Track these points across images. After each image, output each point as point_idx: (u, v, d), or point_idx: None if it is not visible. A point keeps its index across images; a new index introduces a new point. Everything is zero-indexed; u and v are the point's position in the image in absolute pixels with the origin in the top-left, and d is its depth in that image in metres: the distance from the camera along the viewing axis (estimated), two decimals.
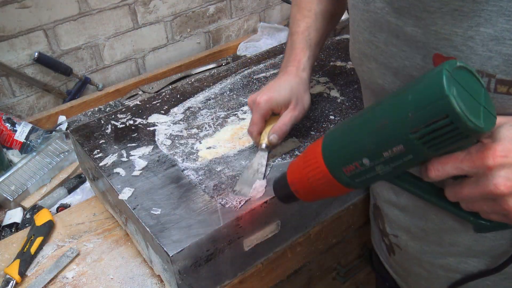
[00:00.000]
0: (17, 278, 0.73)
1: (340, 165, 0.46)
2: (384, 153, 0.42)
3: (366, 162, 0.43)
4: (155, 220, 0.64)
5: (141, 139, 0.81)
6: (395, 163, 0.42)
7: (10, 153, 1.06)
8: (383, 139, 0.41)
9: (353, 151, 0.44)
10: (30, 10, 1.09)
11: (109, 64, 1.28)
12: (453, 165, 0.42)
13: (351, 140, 0.45)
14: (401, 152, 0.41)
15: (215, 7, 1.41)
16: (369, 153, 0.43)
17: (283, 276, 0.82)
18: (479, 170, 0.41)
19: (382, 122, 0.41)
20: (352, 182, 0.46)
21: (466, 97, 0.38)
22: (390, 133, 0.41)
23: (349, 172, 0.45)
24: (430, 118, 0.38)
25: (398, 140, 0.40)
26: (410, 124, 0.39)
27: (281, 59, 1.03)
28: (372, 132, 0.42)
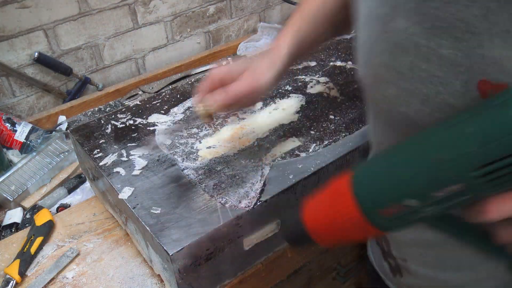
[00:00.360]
0: (17, 278, 0.73)
1: (379, 207, 0.40)
2: (437, 193, 0.37)
3: (412, 203, 0.38)
4: (155, 219, 0.64)
5: (141, 139, 0.81)
6: (448, 203, 0.37)
7: (10, 153, 1.06)
8: (438, 178, 0.36)
9: (397, 192, 0.39)
10: (30, 10, 1.09)
11: (109, 64, 1.28)
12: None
13: (394, 178, 0.39)
14: (457, 191, 0.36)
15: (215, 7, 1.41)
16: (417, 194, 0.37)
17: (283, 276, 0.82)
18: None
19: (436, 159, 0.36)
20: (390, 225, 0.40)
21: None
22: (447, 171, 0.36)
23: (389, 215, 0.40)
24: (500, 153, 0.33)
25: (457, 179, 0.35)
26: (473, 160, 0.34)
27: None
28: (423, 171, 0.37)
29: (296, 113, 0.85)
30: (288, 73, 0.98)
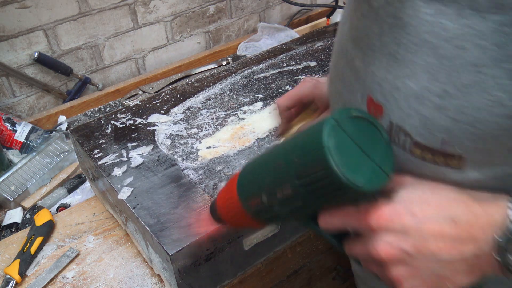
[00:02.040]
0: (17, 278, 0.73)
1: (247, 198, 0.45)
2: (278, 193, 0.40)
3: (264, 199, 0.42)
4: (155, 219, 0.64)
5: (141, 139, 0.81)
6: (288, 206, 0.41)
7: (10, 153, 1.06)
8: (276, 179, 0.41)
9: (255, 186, 0.44)
10: (30, 10, 1.09)
11: (109, 64, 1.28)
12: (340, 219, 0.40)
13: (256, 174, 0.44)
14: (290, 195, 0.39)
15: (215, 7, 1.41)
16: (265, 191, 0.42)
17: (283, 276, 0.82)
18: (363, 230, 0.39)
19: (278, 162, 0.41)
20: (259, 217, 0.45)
21: (350, 151, 0.36)
22: (282, 174, 0.40)
23: (254, 206, 0.44)
24: (311, 167, 0.36)
25: (287, 183, 0.39)
26: (295, 169, 0.38)
27: (281, 59, 1.03)
28: (270, 170, 0.42)
29: None
30: (288, 73, 0.98)
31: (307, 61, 1.01)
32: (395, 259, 0.38)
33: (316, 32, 1.15)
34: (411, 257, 0.37)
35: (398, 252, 0.37)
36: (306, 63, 1.01)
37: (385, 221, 0.38)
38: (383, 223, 0.38)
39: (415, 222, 0.37)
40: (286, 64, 1.01)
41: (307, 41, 1.10)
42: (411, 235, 0.37)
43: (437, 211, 0.37)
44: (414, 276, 0.38)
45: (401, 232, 0.37)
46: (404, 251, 0.37)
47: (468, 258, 0.37)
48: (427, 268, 0.38)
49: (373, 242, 0.38)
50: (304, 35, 1.14)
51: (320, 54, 1.04)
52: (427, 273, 0.38)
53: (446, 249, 0.37)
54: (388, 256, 0.38)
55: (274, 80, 0.95)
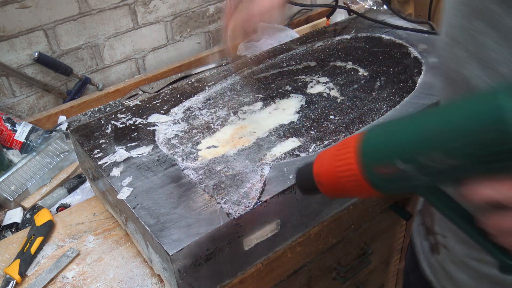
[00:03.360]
0: (17, 278, 0.73)
1: (373, 163, 0.41)
2: (420, 157, 0.37)
3: (400, 165, 0.38)
4: (155, 219, 0.64)
5: (141, 139, 0.81)
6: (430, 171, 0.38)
7: (10, 153, 1.06)
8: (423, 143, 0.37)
9: (385, 148, 0.40)
10: (30, 10, 1.09)
11: (109, 64, 1.28)
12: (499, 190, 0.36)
13: (390, 139, 0.40)
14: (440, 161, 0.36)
15: (215, 7, 1.41)
16: (403, 155, 0.38)
17: (283, 276, 0.82)
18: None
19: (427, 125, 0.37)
20: (381, 184, 0.42)
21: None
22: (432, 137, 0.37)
23: (380, 173, 0.41)
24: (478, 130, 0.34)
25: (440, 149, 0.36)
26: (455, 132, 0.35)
27: (281, 59, 1.03)
28: (414, 134, 0.38)
29: (296, 113, 0.85)
30: (288, 73, 0.98)
31: (307, 61, 1.01)
32: None
33: (316, 32, 1.15)
34: None
35: None
36: (306, 63, 1.01)
37: None
38: None
39: None
40: (286, 64, 1.01)
41: (307, 41, 1.10)
42: None
43: None
44: None
45: None
46: None
47: None
48: None
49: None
50: (304, 35, 1.14)
51: (320, 54, 1.04)
52: None
53: None
54: None
55: (274, 80, 0.95)
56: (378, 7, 1.27)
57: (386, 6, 1.24)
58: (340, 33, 1.13)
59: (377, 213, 0.94)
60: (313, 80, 0.95)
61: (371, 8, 1.29)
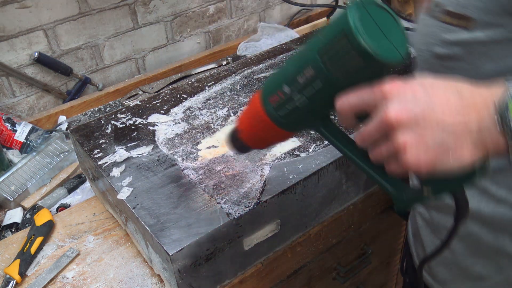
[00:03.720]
0: (17, 278, 0.73)
1: (267, 95, 0.49)
2: (298, 77, 0.45)
3: (285, 89, 0.46)
4: (155, 220, 0.64)
5: (141, 139, 0.81)
6: (308, 90, 0.45)
7: (10, 153, 1.06)
8: (298, 62, 0.45)
9: (276, 79, 0.48)
10: (30, 10, 1.09)
11: (109, 64, 1.28)
12: (355, 95, 0.42)
13: (279, 72, 0.49)
14: (311, 76, 0.44)
15: (215, 7, 1.41)
16: (287, 79, 0.46)
17: (283, 276, 0.82)
18: (377, 99, 0.41)
19: (301, 51, 0.46)
20: (277, 115, 0.49)
21: (371, 28, 0.40)
22: (304, 55, 0.45)
23: (274, 103, 0.48)
24: (332, 36, 0.41)
25: (308, 62, 0.44)
26: (318, 45, 0.43)
27: (281, 59, 1.03)
28: (292, 61, 0.46)
29: None
30: None
31: None
32: (403, 123, 0.39)
33: (316, 32, 1.15)
34: (418, 123, 0.39)
35: (406, 115, 0.39)
36: None
37: (398, 88, 0.40)
38: (395, 90, 0.40)
39: (425, 93, 0.40)
40: None
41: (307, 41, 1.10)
42: (420, 102, 0.39)
43: (445, 86, 0.41)
44: (419, 144, 0.39)
45: (411, 100, 0.40)
46: (412, 116, 0.39)
47: (472, 130, 0.39)
48: (433, 136, 0.39)
49: (384, 108, 0.40)
50: (304, 35, 1.15)
51: None
52: (431, 142, 0.39)
53: (452, 117, 0.39)
54: (397, 118, 0.39)
55: None
56: None
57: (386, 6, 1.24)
58: None
59: (377, 213, 0.94)
60: None
61: None
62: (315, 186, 0.74)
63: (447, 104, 0.39)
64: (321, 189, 0.76)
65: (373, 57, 0.39)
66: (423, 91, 0.40)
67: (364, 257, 1.02)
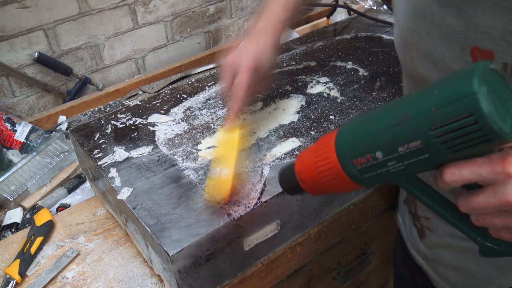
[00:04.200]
0: (17, 278, 0.73)
1: (352, 157, 0.44)
2: (399, 147, 0.39)
3: (379, 155, 0.41)
4: (155, 220, 0.64)
5: (141, 139, 0.81)
6: (409, 160, 0.40)
7: (10, 153, 1.06)
8: (401, 133, 0.39)
9: (368, 143, 0.42)
10: (30, 10, 1.09)
11: (109, 64, 1.28)
12: (470, 169, 0.38)
13: (368, 131, 0.43)
14: (417, 148, 0.38)
15: (215, 7, 1.41)
16: (384, 146, 0.41)
17: (283, 276, 0.82)
18: (497, 177, 0.37)
19: (403, 115, 0.39)
20: (361, 176, 0.44)
21: (495, 100, 0.35)
22: (410, 127, 0.39)
23: (359, 165, 0.43)
24: (454, 115, 0.35)
25: (416, 136, 0.38)
26: (431, 119, 0.37)
27: (281, 59, 1.03)
28: (391, 125, 0.40)
29: (296, 113, 0.85)
30: (288, 73, 0.98)
31: (307, 61, 1.01)
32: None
33: (316, 32, 1.15)
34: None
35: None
36: (306, 63, 1.01)
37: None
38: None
39: None
40: (286, 64, 1.01)
41: (307, 41, 1.10)
42: None
43: None
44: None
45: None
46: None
47: None
48: None
49: (509, 188, 0.37)
50: (304, 35, 1.14)
51: (320, 54, 1.04)
52: None
53: None
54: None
55: (274, 80, 0.95)
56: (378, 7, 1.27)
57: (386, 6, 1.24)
58: (340, 33, 1.13)
59: (377, 213, 0.94)
60: (313, 80, 0.95)
61: (371, 8, 1.29)
62: None
63: None
64: None
65: (503, 137, 0.35)
66: None
67: (364, 257, 1.02)
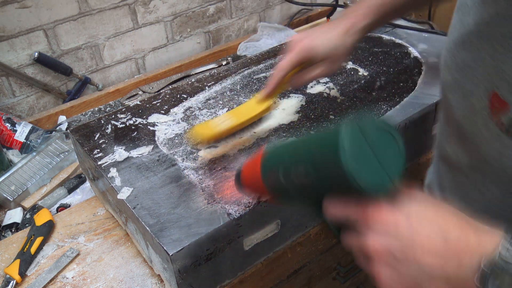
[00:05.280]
0: (17, 278, 0.73)
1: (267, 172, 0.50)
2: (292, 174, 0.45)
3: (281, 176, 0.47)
4: (155, 220, 0.64)
5: (141, 138, 0.81)
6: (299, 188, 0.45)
7: (10, 153, 1.06)
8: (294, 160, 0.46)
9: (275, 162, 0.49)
10: (30, 10, 1.09)
11: (109, 64, 1.28)
12: (342, 209, 0.42)
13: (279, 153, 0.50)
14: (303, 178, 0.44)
15: (215, 7, 1.41)
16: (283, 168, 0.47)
17: (283, 276, 0.82)
18: (361, 224, 0.41)
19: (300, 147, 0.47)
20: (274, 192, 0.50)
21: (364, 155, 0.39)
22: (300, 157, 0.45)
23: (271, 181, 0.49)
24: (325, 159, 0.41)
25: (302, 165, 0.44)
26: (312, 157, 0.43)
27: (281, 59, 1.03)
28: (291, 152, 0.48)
29: (296, 113, 0.85)
30: None
31: None
32: (382, 257, 0.40)
33: None
34: (396, 260, 0.39)
35: (386, 252, 0.40)
36: None
37: (382, 221, 0.40)
38: (379, 222, 0.40)
39: (409, 232, 0.39)
40: None
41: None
42: (402, 241, 0.39)
43: (433, 227, 0.39)
44: (395, 279, 0.40)
45: (394, 236, 0.39)
46: (391, 253, 0.39)
47: (450, 277, 0.38)
48: (409, 274, 0.39)
49: (366, 237, 0.41)
50: None
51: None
52: (407, 279, 0.39)
53: (431, 263, 0.38)
54: (376, 252, 0.40)
55: None
56: None
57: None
58: None
59: None
60: None
61: None
62: None
63: (428, 244, 0.38)
64: None
65: (360, 190, 0.39)
66: (407, 226, 0.39)
67: None
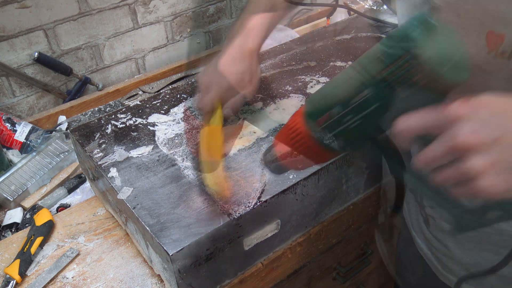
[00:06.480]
0: (17, 278, 0.73)
1: (315, 118, 0.47)
2: (351, 100, 0.43)
3: (336, 111, 0.44)
4: (155, 219, 0.64)
5: (141, 139, 0.81)
6: (363, 112, 0.43)
7: (10, 153, 1.06)
8: (352, 85, 0.43)
9: (326, 101, 0.46)
10: (30, 10, 1.09)
11: (109, 64, 1.28)
12: (417, 117, 0.39)
13: (326, 92, 0.47)
14: (367, 98, 0.42)
15: (215, 7, 1.41)
16: (339, 102, 0.44)
17: (283, 276, 0.82)
18: (443, 123, 0.38)
19: (352, 72, 0.44)
20: (325, 137, 0.46)
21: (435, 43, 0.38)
22: (359, 78, 0.42)
23: (321, 124, 0.46)
24: (394, 58, 0.39)
25: (365, 85, 0.42)
26: (376, 66, 0.40)
27: (281, 59, 1.03)
28: (343, 82, 0.45)
29: None
30: (288, 73, 0.98)
31: (307, 61, 1.01)
32: (478, 145, 0.36)
33: (316, 32, 1.15)
34: (493, 147, 0.36)
35: (481, 139, 0.36)
36: (306, 63, 1.01)
37: (471, 108, 0.37)
38: (467, 111, 0.37)
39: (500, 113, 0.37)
40: (286, 64, 1.01)
41: (307, 41, 1.10)
42: (496, 124, 0.37)
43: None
44: (495, 169, 0.37)
45: (486, 121, 0.37)
46: (488, 139, 0.36)
47: None
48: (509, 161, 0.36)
49: (455, 131, 0.37)
50: (304, 35, 1.14)
51: (320, 54, 1.04)
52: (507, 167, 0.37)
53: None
54: (471, 141, 0.36)
55: (274, 80, 0.95)
56: (378, 7, 1.27)
57: (386, 6, 1.24)
58: (340, 33, 1.13)
59: (377, 213, 0.94)
60: (313, 80, 0.95)
61: (371, 8, 1.29)
62: (315, 186, 0.74)
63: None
64: (321, 189, 0.76)
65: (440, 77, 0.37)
66: (499, 111, 0.37)
67: (364, 257, 1.02)
